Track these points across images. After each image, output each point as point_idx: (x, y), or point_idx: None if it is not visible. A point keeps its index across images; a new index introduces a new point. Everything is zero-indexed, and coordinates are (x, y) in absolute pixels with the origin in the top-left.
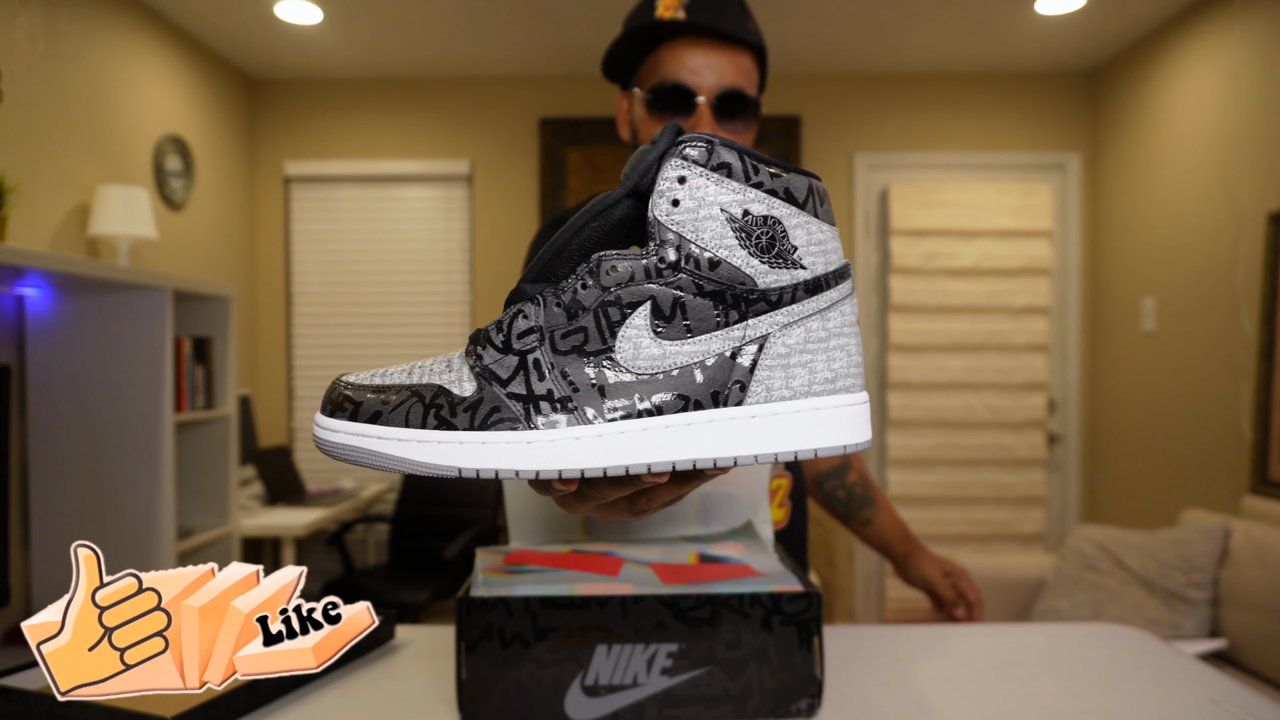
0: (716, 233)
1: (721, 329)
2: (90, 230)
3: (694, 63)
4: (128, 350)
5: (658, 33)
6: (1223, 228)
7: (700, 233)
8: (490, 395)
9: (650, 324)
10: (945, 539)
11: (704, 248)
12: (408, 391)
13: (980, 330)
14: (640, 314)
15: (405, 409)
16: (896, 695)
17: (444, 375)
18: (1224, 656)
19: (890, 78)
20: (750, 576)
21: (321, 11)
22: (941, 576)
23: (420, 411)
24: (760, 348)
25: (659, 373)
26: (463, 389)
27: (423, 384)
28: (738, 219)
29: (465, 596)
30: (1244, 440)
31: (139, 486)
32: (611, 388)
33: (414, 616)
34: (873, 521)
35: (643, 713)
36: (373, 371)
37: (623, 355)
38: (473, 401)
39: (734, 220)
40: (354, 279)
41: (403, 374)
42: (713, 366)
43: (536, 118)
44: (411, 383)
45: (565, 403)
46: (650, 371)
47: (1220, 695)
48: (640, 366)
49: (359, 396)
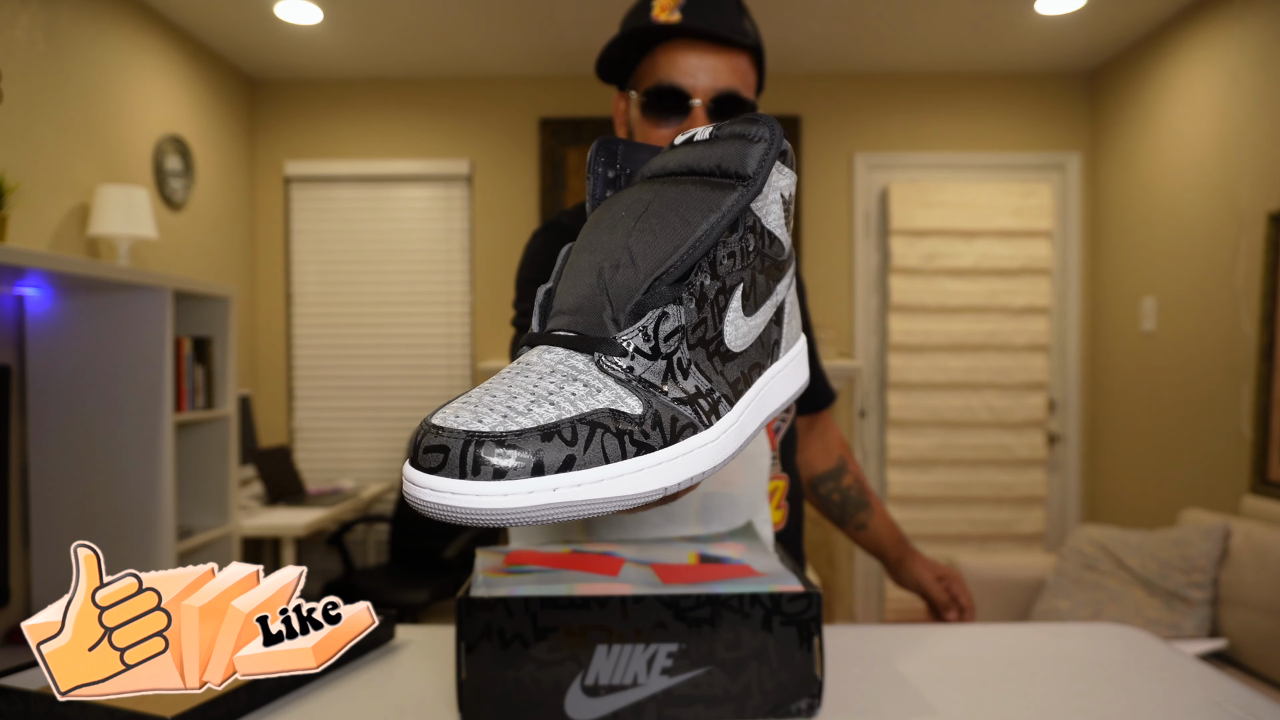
0: (777, 215)
1: (769, 297)
2: (90, 230)
3: (689, 65)
4: (128, 350)
5: (653, 35)
6: (1223, 228)
7: (768, 215)
8: (660, 405)
9: (741, 304)
10: (945, 539)
11: (769, 228)
12: (583, 425)
13: (980, 330)
14: (736, 296)
15: (600, 445)
16: (896, 695)
17: (596, 397)
18: (1224, 656)
19: (890, 78)
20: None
21: (321, 11)
22: (934, 580)
23: (615, 443)
24: (780, 308)
25: (747, 347)
26: (631, 406)
27: (589, 413)
28: (787, 200)
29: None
30: (1244, 440)
31: (139, 486)
32: (727, 368)
33: (414, 616)
34: (867, 526)
35: (643, 713)
36: (457, 416)
37: (728, 337)
38: (652, 417)
39: (784, 202)
40: (354, 279)
41: (535, 409)
42: (765, 330)
43: (536, 118)
44: (575, 414)
45: (710, 394)
46: (741, 348)
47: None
48: (738, 344)
49: (530, 448)
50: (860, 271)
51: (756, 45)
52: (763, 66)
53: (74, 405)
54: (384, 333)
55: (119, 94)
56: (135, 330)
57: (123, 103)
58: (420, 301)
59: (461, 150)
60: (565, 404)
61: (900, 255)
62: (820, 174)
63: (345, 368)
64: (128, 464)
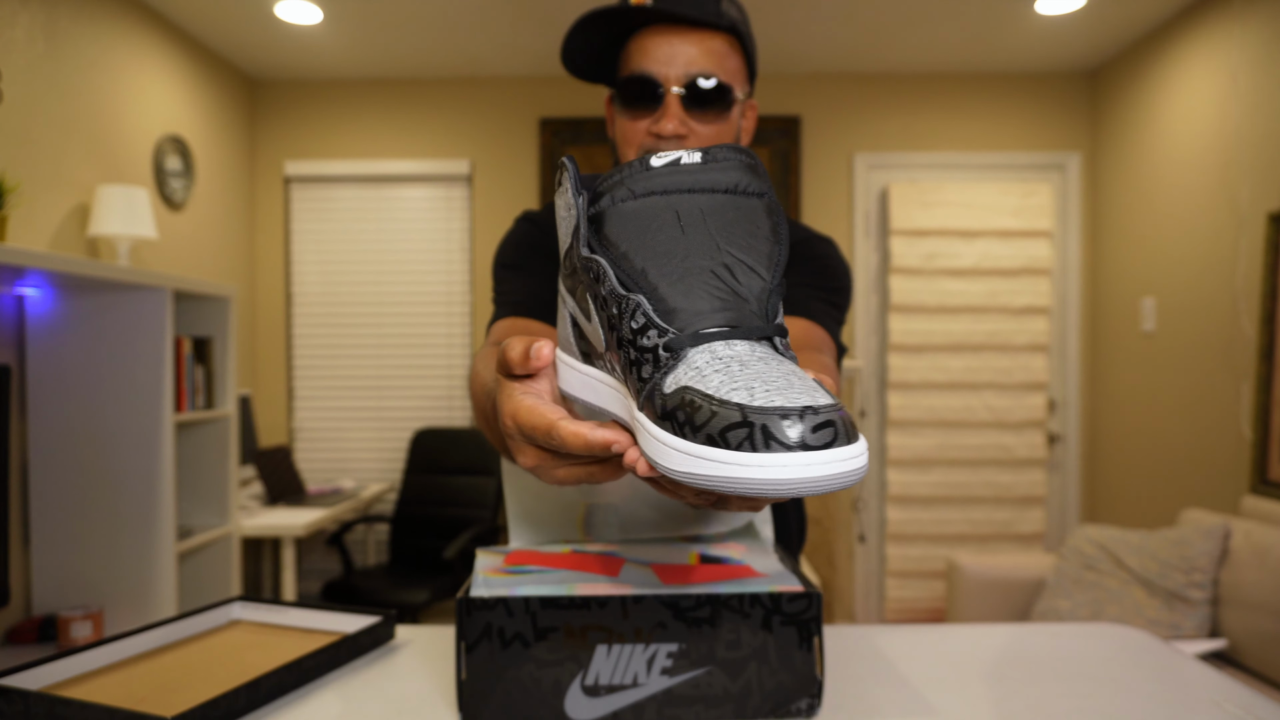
0: None
1: None
2: (90, 230)
3: (660, 52)
4: (128, 350)
5: (616, 22)
6: (1223, 228)
7: None
8: None
9: None
10: (945, 539)
11: None
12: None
13: (980, 330)
14: None
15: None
16: (896, 695)
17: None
18: (1224, 656)
19: (890, 78)
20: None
21: (321, 11)
22: None
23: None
24: None
25: None
26: None
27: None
28: None
29: (465, 596)
30: (1244, 440)
31: (139, 486)
32: None
33: (414, 616)
34: None
35: (643, 713)
36: (786, 397)
37: None
38: None
39: None
40: (354, 279)
41: (813, 386)
42: None
43: (536, 118)
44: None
45: None
46: None
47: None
48: None
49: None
50: (860, 271)
51: (734, 26)
52: (750, 53)
53: (74, 405)
54: (384, 333)
55: (119, 94)
56: (135, 330)
57: (123, 103)
58: (420, 301)
59: (461, 150)
60: (812, 382)
61: (900, 255)
62: (820, 174)
63: (345, 368)
64: (128, 464)
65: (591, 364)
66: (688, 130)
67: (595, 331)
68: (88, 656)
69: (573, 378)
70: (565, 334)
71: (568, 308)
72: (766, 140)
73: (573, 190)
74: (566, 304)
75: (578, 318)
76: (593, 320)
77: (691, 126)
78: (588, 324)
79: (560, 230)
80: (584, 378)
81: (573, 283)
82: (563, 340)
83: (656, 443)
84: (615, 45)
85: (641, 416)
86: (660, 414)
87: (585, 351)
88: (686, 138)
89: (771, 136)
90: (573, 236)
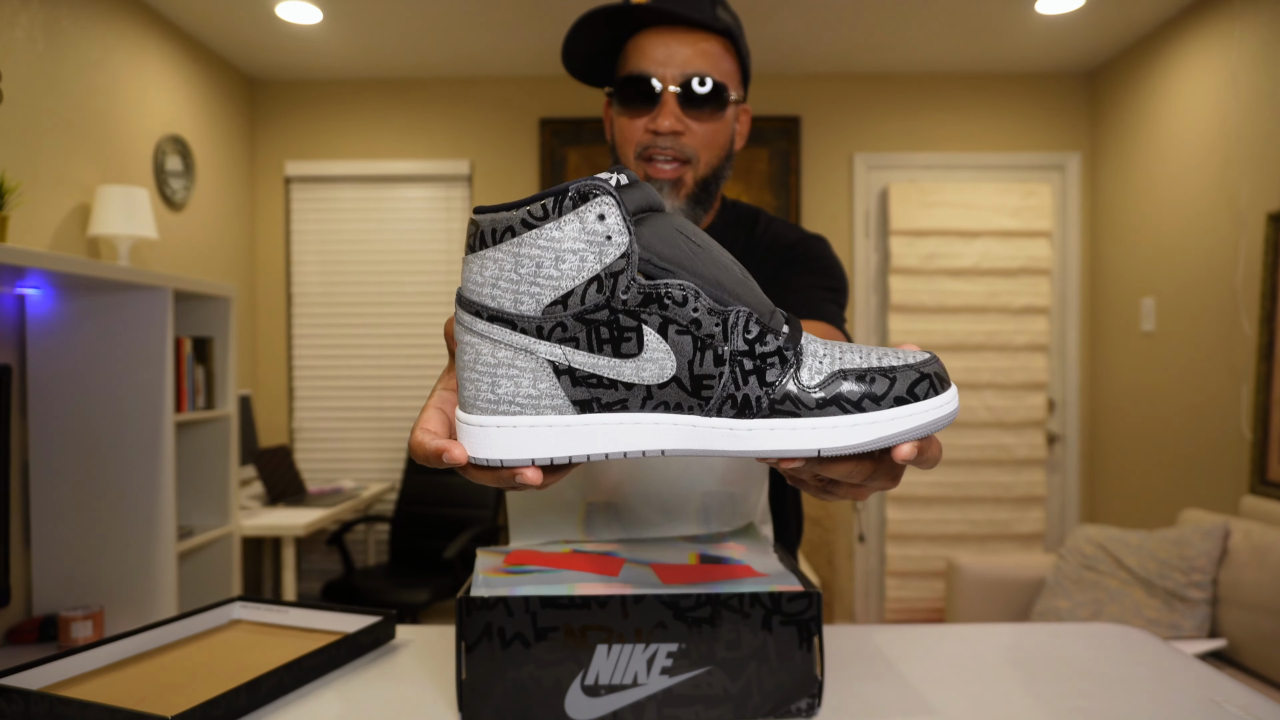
0: None
1: None
2: (90, 230)
3: (657, 53)
4: (128, 350)
5: (616, 22)
6: (1223, 228)
7: None
8: None
9: None
10: (945, 539)
11: None
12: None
13: (980, 330)
14: None
15: None
16: (896, 695)
17: None
18: (1224, 656)
19: (890, 78)
20: (750, 577)
21: (321, 11)
22: None
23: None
24: None
25: None
26: None
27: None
28: None
29: (465, 596)
30: (1244, 440)
31: (139, 486)
32: None
33: (414, 616)
34: None
35: (643, 713)
36: (879, 356)
37: None
38: None
39: None
40: (354, 279)
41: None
42: None
43: (536, 118)
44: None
45: None
46: None
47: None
48: None
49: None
50: (860, 271)
51: (729, 31)
52: (743, 54)
53: (74, 405)
54: (384, 333)
55: (119, 94)
56: (135, 330)
57: (123, 103)
58: (420, 301)
59: (461, 150)
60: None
61: (900, 255)
62: (820, 174)
63: (345, 368)
64: (128, 464)
65: (601, 412)
66: (684, 127)
67: (647, 365)
68: (88, 656)
69: (553, 437)
70: (528, 391)
71: (553, 357)
72: (766, 140)
73: (623, 218)
74: (551, 354)
75: (586, 365)
76: (646, 353)
77: (688, 124)
78: (625, 363)
79: (553, 272)
80: (583, 428)
81: (581, 326)
82: (515, 401)
83: (831, 431)
84: (614, 48)
85: (783, 422)
86: (817, 405)
87: (586, 400)
88: (683, 134)
89: (771, 136)
90: (612, 273)
